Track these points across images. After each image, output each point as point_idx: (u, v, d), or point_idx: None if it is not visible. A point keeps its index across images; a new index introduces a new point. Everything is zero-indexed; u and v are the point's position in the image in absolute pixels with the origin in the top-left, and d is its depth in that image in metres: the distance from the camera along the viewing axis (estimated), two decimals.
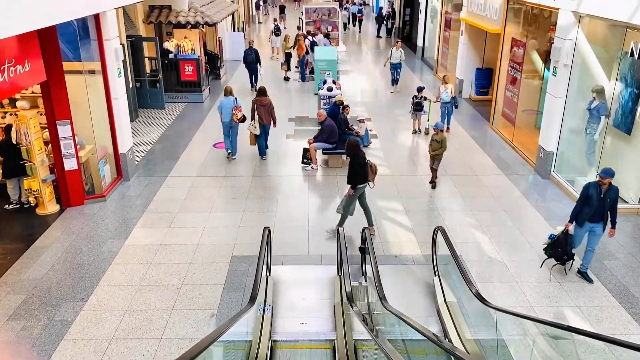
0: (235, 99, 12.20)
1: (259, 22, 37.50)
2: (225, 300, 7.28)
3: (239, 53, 23.74)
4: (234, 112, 11.89)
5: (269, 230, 7.27)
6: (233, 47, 23.83)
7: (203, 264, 8.13)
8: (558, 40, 10.44)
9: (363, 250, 7.29)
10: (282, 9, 35.32)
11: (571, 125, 10.69)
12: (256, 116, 11.92)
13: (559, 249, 7.71)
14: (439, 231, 7.28)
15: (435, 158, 10.69)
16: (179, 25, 16.32)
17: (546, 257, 7.92)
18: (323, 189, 10.81)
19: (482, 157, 12.54)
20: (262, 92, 12.18)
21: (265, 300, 6.74)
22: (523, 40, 12.83)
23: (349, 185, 8.77)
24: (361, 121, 12.46)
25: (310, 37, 21.49)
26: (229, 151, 12.26)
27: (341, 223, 8.92)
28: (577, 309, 7.13)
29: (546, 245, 7.90)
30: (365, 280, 7.06)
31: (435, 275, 7.46)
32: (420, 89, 13.89)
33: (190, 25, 16.24)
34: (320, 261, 8.22)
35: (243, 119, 12.04)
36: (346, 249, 6.74)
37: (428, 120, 14.34)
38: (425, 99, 13.89)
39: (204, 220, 9.44)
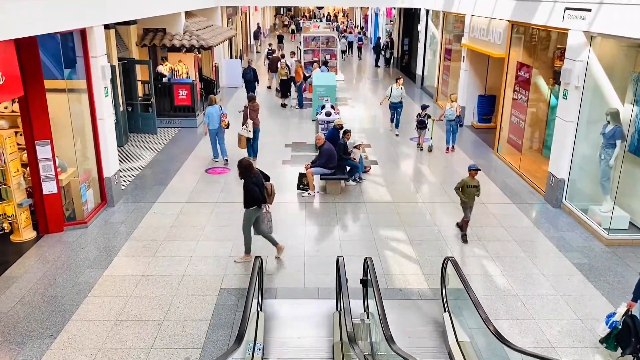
0: (220, 106, 12.91)
1: (257, 52, 37.41)
2: (211, 338, 6.52)
3: (236, 80, 23.43)
4: (222, 118, 12.64)
5: (261, 259, 6.58)
6: (230, 73, 23.45)
7: (188, 297, 7.39)
8: (568, 62, 9.95)
9: (365, 283, 6.57)
10: (280, 39, 35.33)
11: (584, 151, 10.10)
12: (249, 121, 12.80)
13: (632, 339, 5.75)
14: (449, 262, 6.59)
15: (470, 206, 9.04)
16: (174, 49, 15.88)
17: (619, 355, 5.96)
18: (321, 217, 10.13)
19: (488, 184, 11.91)
20: (253, 98, 13.37)
21: (255, 339, 5.99)
22: (529, 64, 12.38)
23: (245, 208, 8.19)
24: (357, 147, 11.86)
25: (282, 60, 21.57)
26: (223, 157, 12.99)
27: (247, 249, 8.33)
28: (603, 350, 6.38)
29: (606, 336, 6.06)
30: (368, 317, 6.32)
31: (445, 311, 6.73)
32: (424, 107, 14.22)
33: (185, 49, 15.79)
34: (318, 295, 7.49)
35: (228, 125, 12.94)
36: (346, 281, 6.03)
37: (431, 138, 14.42)
38: (429, 116, 14.08)
39: (191, 249, 8.73)
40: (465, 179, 9.03)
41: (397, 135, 15.64)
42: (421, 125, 13.99)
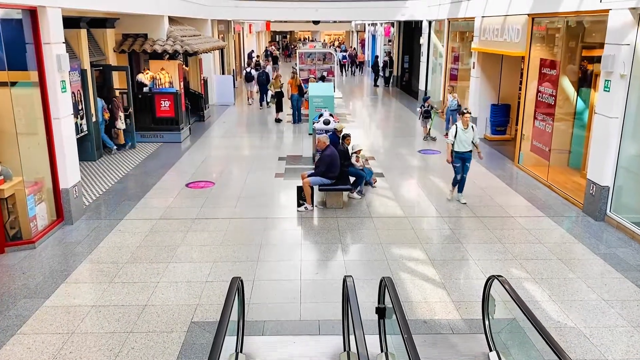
0: (103, 100, 12.93)
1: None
2: None
3: (228, 97, 22.01)
4: (105, 111, 12.96)
5: (241, 281, 4.85)
6: (222, 90, 21.95)
7: (148, 334, 5.63)
8: (610, 48, 8.45)
9: (382, 313, 4.84)
10: (275, 60, 34.30)
11: (632, 152, 8.50)
12: (121, 113, 13.25)
13: None
14: (496, 282, 4.87)
15: None
16: (155, 55, 14.39)
17: None
18: (320, 234, 8.43)
19: (514, 197, 10.28)
20: (115, 95, 13.61)
21: None
22: (556, 59, 10.89)
23: None
24: (356, 153, 10.25)
25: (248, 69, 22.31)
26: (114, 147, 13.40)
27: None
28: None
29: None
30: None
31: (491, 350, 4.98)
32: (426, 99, 15.38)
33: (167, 55, 14.31)
34: (318, 330, 5.75)
35: (110, 119, 13.22)
36: (358, 310, 4.30)
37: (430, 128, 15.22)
38: (432, 107, 14.94)
39: (158, 273, 6.99)
40: None
41: (464, 203, 9.76)
42: (427, 115, 14.94)
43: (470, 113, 9.90)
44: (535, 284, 6.74)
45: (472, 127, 9.76)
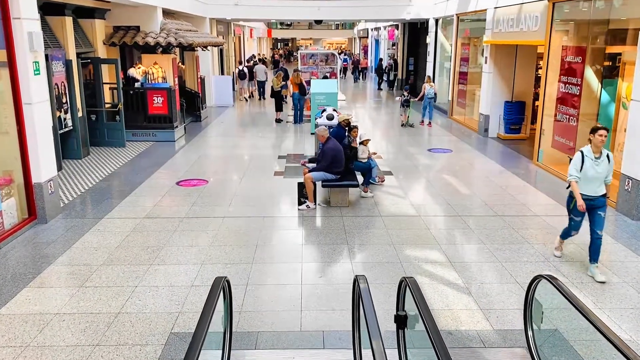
0: None
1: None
2: None
3: (227, 99, 21.20)
4: None
5: (228, 283, 3.91)
6: (220, 92, 21.09)
7: (118, 347, 4.68)
8: None
9: (404, 322, 3.88)
10: (276, 64, 33.64)
11: None
12: None
13: None
14: (541, 282, 3.91)
15: None
16: (148, 49, 13.53)
17: None
18: (324, 235, 7.48)
19: (537, 195, 9.35)
20: None
21: None
22: (582, 46, 9.99)
23: None
24: (363, 143, 9.37)
25: (240, 67, 22.34)
26: None
27: None
28: None
29: None
30: None
31: None
32: (407, 89, 16.74)
33: (160, 48, 13.45)
34: (322, 342, 4.79)
35: None
36: (375, 316, 3.35)
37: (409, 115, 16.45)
38: (411, 97, 16.38)
39: (137, 276, 6.05)
40: None
41: (602, 281, 5.96)
42: (406, 104, 16.15)
43: (607, 129, 6.00)
44: (576, 289, 5.78)
45: (607, 155, 6.03)
